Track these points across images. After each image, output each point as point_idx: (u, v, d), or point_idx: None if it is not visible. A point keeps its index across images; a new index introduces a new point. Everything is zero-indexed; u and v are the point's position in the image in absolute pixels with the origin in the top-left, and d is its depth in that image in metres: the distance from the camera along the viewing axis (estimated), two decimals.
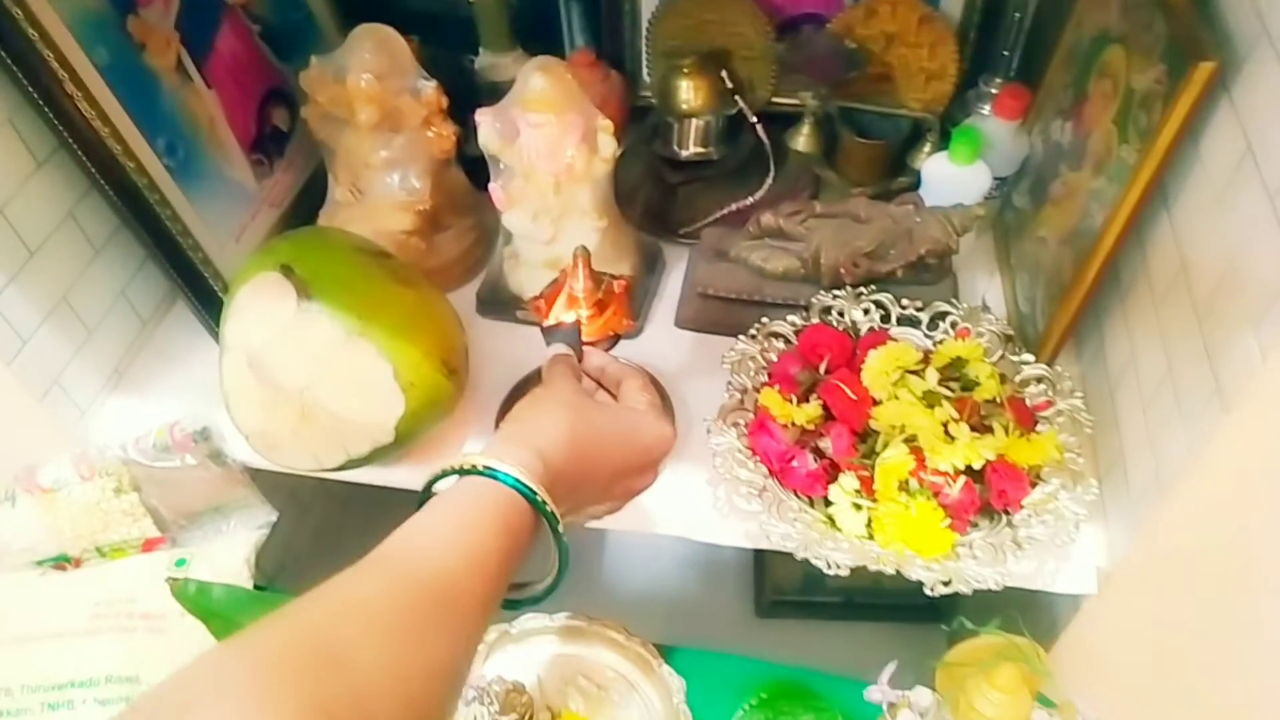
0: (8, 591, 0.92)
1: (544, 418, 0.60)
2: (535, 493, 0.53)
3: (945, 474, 0.78)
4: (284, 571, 1.20)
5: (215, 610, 0.84)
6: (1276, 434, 0.60)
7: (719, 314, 0.98)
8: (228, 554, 0.93)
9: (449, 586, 0.47)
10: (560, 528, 0.55)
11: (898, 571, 0.76)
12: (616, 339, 0.88)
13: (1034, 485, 0.80)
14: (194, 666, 0.39)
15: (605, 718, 0.87)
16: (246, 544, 0.94)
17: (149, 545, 0.96)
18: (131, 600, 0.89)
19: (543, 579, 0.58)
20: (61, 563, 0.97)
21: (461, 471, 0.54)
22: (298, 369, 0.79)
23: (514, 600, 0.57)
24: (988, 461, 0.79)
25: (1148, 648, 0.85)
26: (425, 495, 0.56)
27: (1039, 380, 0.86)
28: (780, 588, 1.38)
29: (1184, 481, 0.68)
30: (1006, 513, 0.80)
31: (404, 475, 0.91)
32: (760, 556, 1.41)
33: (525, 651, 0.91)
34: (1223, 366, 0.64)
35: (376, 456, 0.84)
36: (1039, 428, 0.83)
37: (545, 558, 0.57)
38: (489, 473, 0.53)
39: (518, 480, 0.53)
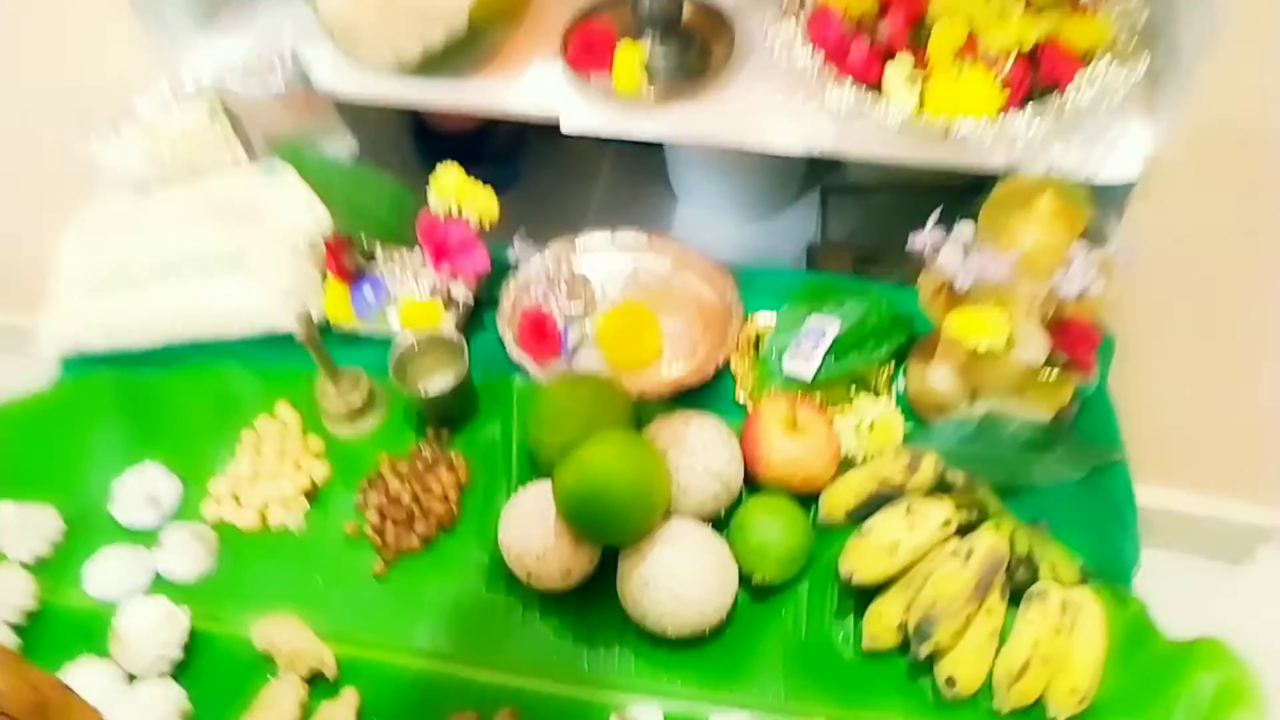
0: (115, 206, 1.00)
1: None
2: None
3: (998, 55, 0.81)
4: None
5: (317, 174, 0.90)
6: None
7: None
8: None
9: None
10: None
11: (947, 134, 0.79)
12: None
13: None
14: None
15: (664, 308, 0.94)
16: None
17: None
18: (229, 202, 0.96)
19: None
20: None
21: None
22: None
23: None
24: (1039, 44, 0.81)
25: (1187, 247, 0.88)
26: None
27: None
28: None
29: (1227, 66, 0.70)
30: (1056, 91, 0.82)
31: (474, 93, 0.96)
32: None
33: (590, 258, 0.97)
34: None
35: (450, 55, 0.89)
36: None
37: None
38: None
39: None
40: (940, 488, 0.78)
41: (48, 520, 0.85)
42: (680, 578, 0.71)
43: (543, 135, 1.24)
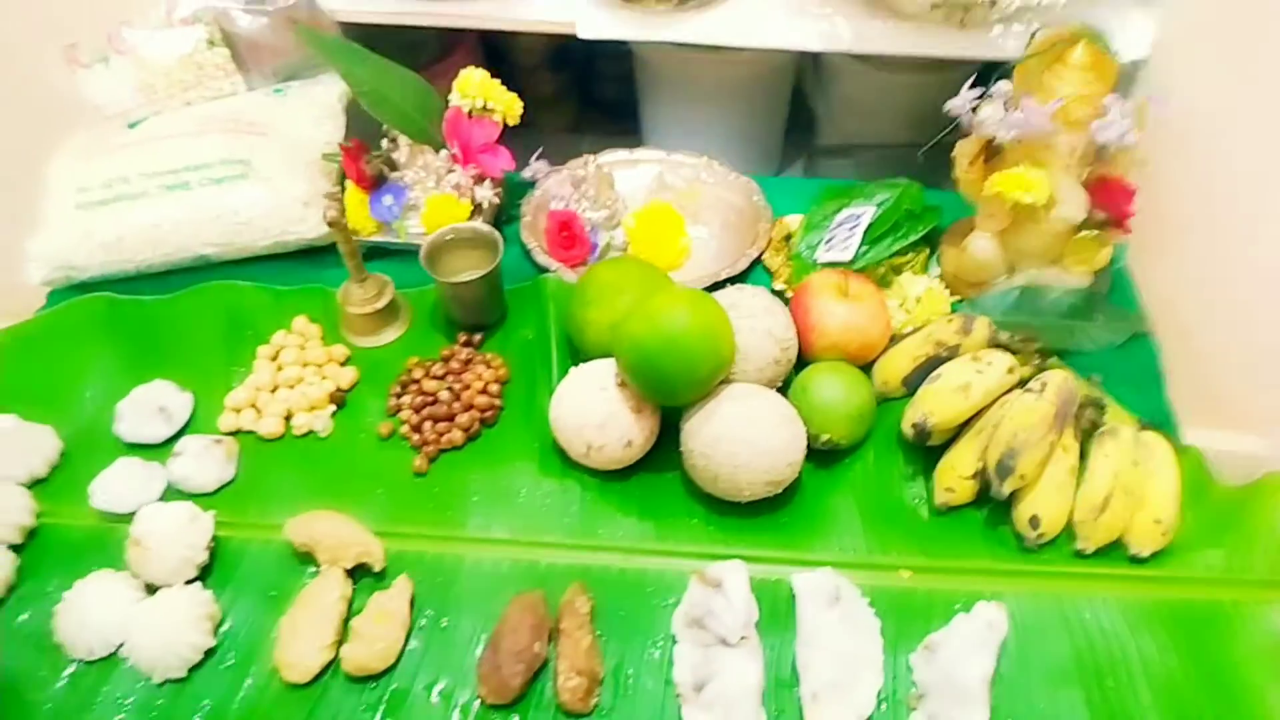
0: (109, 130, 0.95)
1: None
2: None
3: None
4: None
5: (343, 58, 0.87)
6: None
7: None
8: (323, 92, 0.96)
9: None
10: None
11: (964, 21, 0.81)
12: None
13: None
14: None
15: (689, 212, 0.92)
16: (337, 87, 0.97)
17: None
18: (235, 117, 0.93)
19: None
20: None
21: None
22: None
23: None
24: None
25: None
26: None
27: None
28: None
29: None
30: None
31: (487, 7, 0.95)
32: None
33: (617, 173, 0.96)
34: None
35: None
36: None
37: None
38: None
39: None
40: (994, 348, 0.78)
41: (45, 440, 0.78)
42: (753, 430, 0.68)
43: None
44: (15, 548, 0.73)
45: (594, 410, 0.72)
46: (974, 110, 0.78)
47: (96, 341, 0.86)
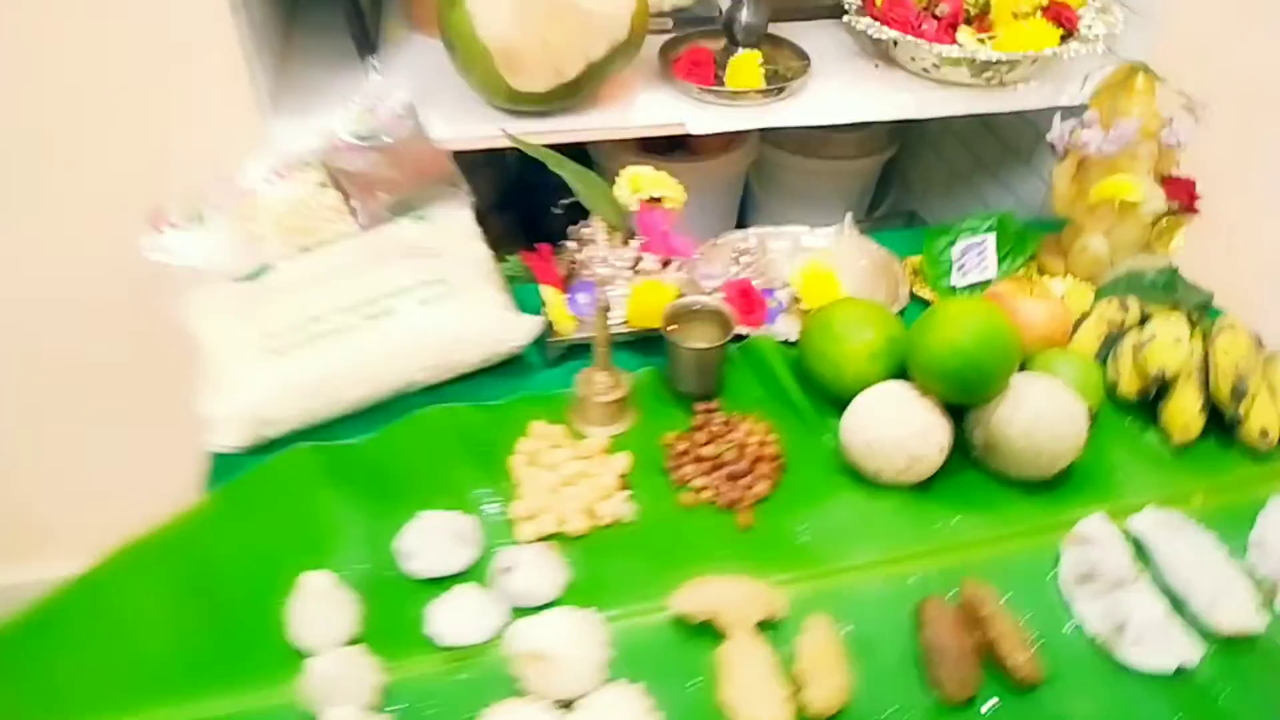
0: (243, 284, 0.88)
1: None
2: None
3: (1031, 10, 1.05)
4: None
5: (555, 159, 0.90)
6: None
7: None
8: (458, 212, 0.96)
9: None
10: None
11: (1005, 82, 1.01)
12: None
13: None
14: None
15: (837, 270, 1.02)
16: (467, 205, 0.97)
17: None
18: (402, 244, 0.90)
19: None
20: None
21: None
22: None
23: None
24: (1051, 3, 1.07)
25: None
26: None
27: None
28: None
29: None
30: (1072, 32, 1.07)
31: (598, 121, 1.01)
32: None
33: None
34: None
35: (611, 60, 0.95)
36: None
37: None
38: None
39: None
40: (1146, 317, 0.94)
41: (346, 595, 0.70)
42: (1060, 402, 0.78)
43: None
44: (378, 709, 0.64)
45: (911, 422, 0.77)
46: (1070, 135, 0.97)
47: (322, 493, 0.78)
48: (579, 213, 0.96)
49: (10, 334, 1.06)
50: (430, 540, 0.74)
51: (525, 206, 1.53)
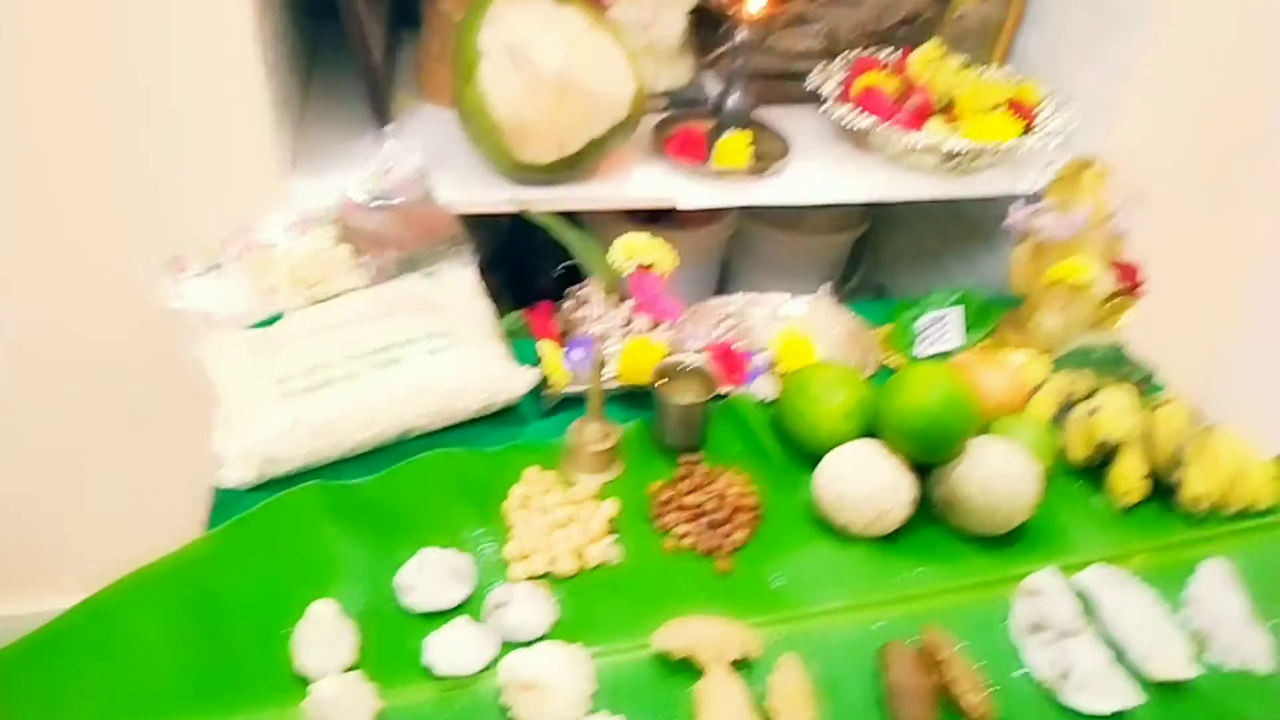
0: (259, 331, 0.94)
1: None
2: None
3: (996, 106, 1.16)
4: None
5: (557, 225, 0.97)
6: None
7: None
8: (464, 271, 1.02)
9: None
10: None
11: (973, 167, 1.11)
12: None
13: None
14: None
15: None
16: (470, 268, 1.04)
17: None
18: (407, 298, 0.96)
19: None
20: None
21: None
22: (557, 52, 0.97)
23: None
24: (1011, 100, 1.18)
25: None
26: None
27: None
28: None
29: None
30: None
31: (597, 191, 1.09)
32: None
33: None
34: None
35: (610, 137, 1.03)
36: None
37: None
38: None
39: None
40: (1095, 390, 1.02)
41: (344, 624, 0.74)
42: (1015, 463, 0.85)
43: None
44: None
45: (879, 478, 0.84)
46: (1027, 221, 1.06)
47: (326, 529, 0.82)
48: (576, 274, 1.03)
49: (23, 371, 1.10)
50: (428, 576, 0.78)
51: (515, 266, 1.60)
